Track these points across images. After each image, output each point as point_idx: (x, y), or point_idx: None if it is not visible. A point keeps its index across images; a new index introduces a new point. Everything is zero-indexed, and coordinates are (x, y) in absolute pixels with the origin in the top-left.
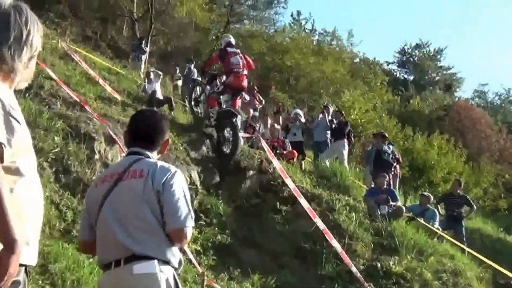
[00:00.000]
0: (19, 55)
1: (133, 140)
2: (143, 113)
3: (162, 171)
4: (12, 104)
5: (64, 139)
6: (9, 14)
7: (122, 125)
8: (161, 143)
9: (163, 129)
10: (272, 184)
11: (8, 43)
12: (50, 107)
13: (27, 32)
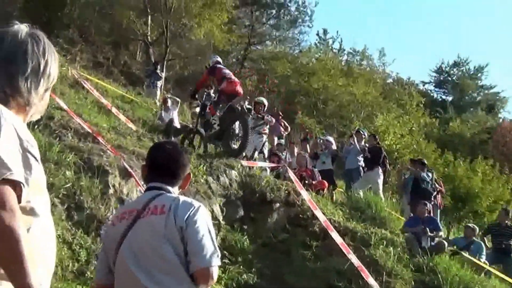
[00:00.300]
0: (36, 88)
1: (153, 175)
2: (163, 146)
3: (185, 206)
4: (29, 140)
5: (76, 173)
6: (26, 44)
7: (138, 156)
8: (182, 177)
9: (184, 163)
10: (301, 217)
11: (25, 75)
12: (61, 139)
13: (45, 63)
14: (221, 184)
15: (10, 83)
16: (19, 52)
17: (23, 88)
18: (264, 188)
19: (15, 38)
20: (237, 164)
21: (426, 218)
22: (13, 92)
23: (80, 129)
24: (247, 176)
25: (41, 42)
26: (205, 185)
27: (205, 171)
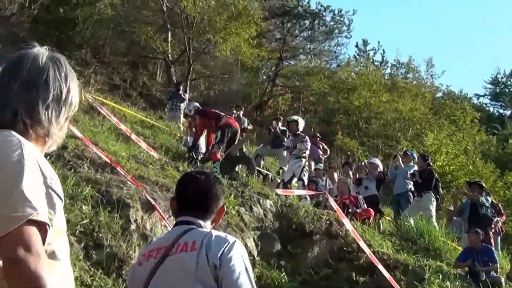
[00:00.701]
0: (57, 117)
1: (182, 208)
2: (194, 176)
3: (219, 241)
4: (53, 176)
5: (93, 208)
6: (47, 69)
7: (161, 187)
8: (215, 210)
9: (217, 194)
10: (345, 250)
11: (46, 103)
12: (76, 170)
13: (67, 90)
14: (254, 215)
15: (30, 112)
16: (39, 78)
17: (44, 117)
18: (302, 219)
19: (35, 62)
20: (272, 193)
21: (481, 248)
22: (33, 122)
23: (97, 159)
24: (283, 206)
25: (63, 66)
26: (237, 217)
27: (237, 202)
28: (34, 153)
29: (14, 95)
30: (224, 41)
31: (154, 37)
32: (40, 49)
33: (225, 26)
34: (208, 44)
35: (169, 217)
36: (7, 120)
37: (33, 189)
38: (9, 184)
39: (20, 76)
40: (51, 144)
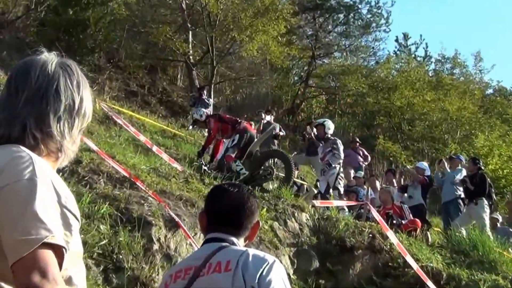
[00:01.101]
0: (70, 130)
1: (213, 224)
2: (225, 189)
3: (256, 261)
4: (68, 195)
5: (112, 227)
6: (57, 77)
7: (186, 203)
8: (249, 226)
9: (252, 209)
10: (390, 266)
11: (58, 115)
12: (92, 187)
13: (80, 99)
14: (289, 230)
15: (41, 125)
16: (49, 87)
17: (56, 130)
18: (342, 233)
19: (43, 70)
20: (308, 205)
21: None
22: (44, 136)
23: (114, 173)
24: (320, 219)
25: (74, 74)
26: (270, 232)
27: (270, 215)
28: (47, 170)
29: (22, 107)
30: (250, 40)
31: (173, 37)
32: (49, 55)
33: (251, 23)
34: (233, 44)
35: (195, 235)
36: (16, 134)
37: (47, 210)
38: (21, 205)
39: (28, 86)
40: (63, 159)
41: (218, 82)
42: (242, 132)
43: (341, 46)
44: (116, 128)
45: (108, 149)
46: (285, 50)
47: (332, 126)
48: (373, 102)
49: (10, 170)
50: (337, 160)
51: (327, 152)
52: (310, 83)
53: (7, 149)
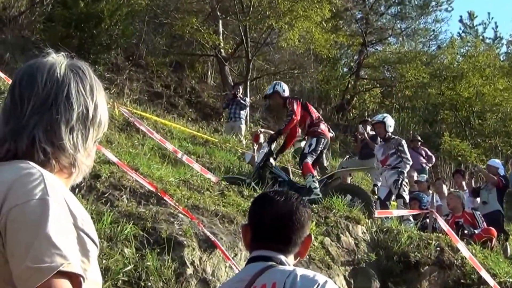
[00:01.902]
0: (84, 141)
1: (258, 239)
2: (271, 198)
3: (306, 283)
4: (84, 217)
5: (138, 250)
6: (68, 82)
7: (223, 219)
8: (299, 241)
9: (302, 221)
10: (463, 283)
11: (70, 125)
12: (113, 204)
13: (94, 106)
14: (343, 246)
15: (51, 137)
16: (59, 93)
17: (69, 143)
18: (405, 247)
19: (51, 74)
20: (364, 217)
21: None
22: (56, 149)
23: (139, 188)
24: (379, 232)
25: (87, 77)
26: (321, 249)
27: (320, 230)
28: (60, 188)
29: (29, 117)
30: (290, 28)
31: (201, 29)
32: (57, 57)
33: (290, 8)
34: (271, 33)
35: (235, 256)
36: (23, 149)
37: (62, 233)
38: (32, 228)
39: (34, 93)
40: (77, 175)
41: (255, 78)
42: (320, 136)
43: (396, 30)
44: (139, 136)
45: (131, 160)
46: (331, 37)
47: (392, 122)
48: (436, 94)
49: (18, 189)
50: (406, 165)
51: (390, 155)
52: (362, 74)
53: (14, 165)
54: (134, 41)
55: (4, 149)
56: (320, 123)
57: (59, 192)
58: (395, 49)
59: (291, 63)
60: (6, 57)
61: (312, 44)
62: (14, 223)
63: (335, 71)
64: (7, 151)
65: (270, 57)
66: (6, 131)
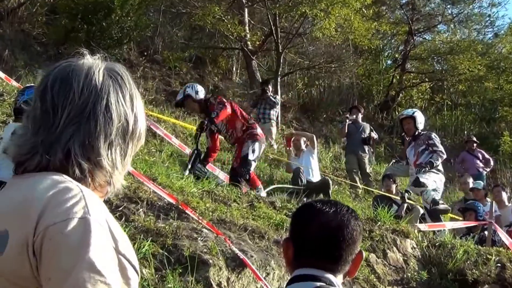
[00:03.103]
0: (123, 157)
1: (303, 256)
2: (319, 209)
3: None
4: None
5: (157, 271)
6: (107, 90)
7: (253, 234)
8: (350, 259)
9: (354, 236)
10: None
11: (109, 139)
12: (128, 219)
13: (134, 118)
14: (390, 263)
15: (88, 152)
16: (98, 103)
17: (107, 160)
18: (461, 263)
19: (89, 80)
20: (413, 230)
21: None
22: (93, 166)
23: (157, 200)
24: (431, 247)
25: (126, 85)
26: (365, 267)
27: (364, 245)
28: (101, 207)
29: (63, 128)
30: (326, 15)
31: (224, 18)
32: (92, 60)
33: None
34: (303, 22)
35: (267, 276)
36: (56, 164)
37: (105, 258)
38: (72, 251)
39: (70, 101)
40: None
41: (286, 74)
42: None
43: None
44: (156, 142)
45: (147, 169)
46: (373, 26)
47: (423, 119)
48: (493, 88)
49: (56, 205)
50: (439, 158)
51: (421, 152)
52: (408, 67)
53: (47, 177)
54: (149, 34)
55: (35, 162)
56: (256, 127)
57: (100, 211)
58: (445, 38)
59: (327, 56)
60: (5, 54)
61: (351, 34)
62: (52, 243)
63: (377, 64)
64: (38, 163)
65: (303, 50)
66: (35, 143)
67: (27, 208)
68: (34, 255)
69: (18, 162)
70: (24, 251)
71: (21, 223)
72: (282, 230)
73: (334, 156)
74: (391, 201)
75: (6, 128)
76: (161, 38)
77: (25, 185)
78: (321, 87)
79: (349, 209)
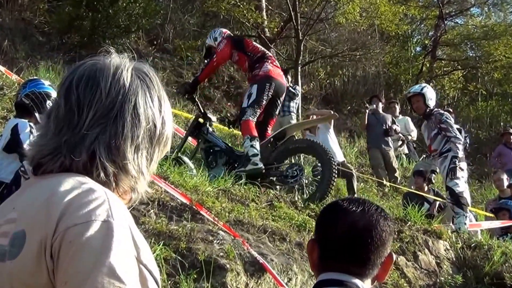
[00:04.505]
0: (149, 163)
1: (329, 259)
2: (345, 208)
3: None
4: (145, 247)
5: (170, 277)
6: (136, 91)
7: (272, 236)
8: (379, 262)
9: (383, 237)
10: None
11: (136, 142)
12: (139, 221)
13: (162, 122)
14: (422, 267)
15: (114, 155)
16: (125, 104)
17: (133, 164)
18: (499, 266)
19: (117, 80)
20: (447, 230)
21: None
22: (118, 170)
23: (169, 200)
24: (466, 248)
25: (154, 86)
26: (395, 271)
27: (392, 247)
28: (125, 212)
29: (88, 128)
30: None
31: (240, 4)
32: (120, 59)
33: None
34: (325, 6)
35: (289, 282)
36: (80, 166)
37: (127, 265)
38: (93, 254)
39: (96, 100)
40: (134, 200)
41: (307, 63)
42: (261, 81)
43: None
44: None
45: (158, 167)
46: (401, 9)
47: (433, 94)
48: None
49: (78, 207)
50: (457, 145)
51: (433, 136)
52: (439, 54)
53: (71, 178)
54: (159, 22)
55: (57, 163)
56: (265, 62)
57: (124, 216)
58: (479, 22)
59: (351, 43)
60: (4, 45)
61: (377, 19)
62: (71, 246)
63: (405, 51)
64: (60, 164)
65: (325, 37)
66: (59, 142)
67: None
68: (52, 257)
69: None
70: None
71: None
72: (304, 232)
73: (359, 151)
74: (422, 199)
75: (7, 125)
76: (172, 25)
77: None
78: (344, 76)
79: (378, 208)
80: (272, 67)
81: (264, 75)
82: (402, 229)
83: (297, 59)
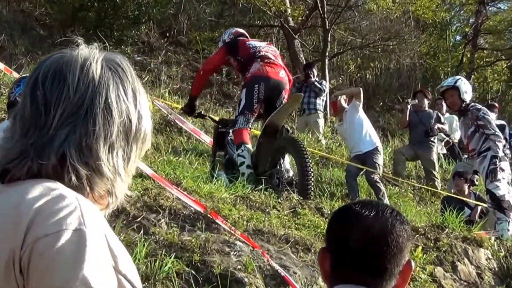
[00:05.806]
0: (126, 162)
1: (341, 269)
2: (357, 213)
3: None
4: (124, 255)
5: None
6: (106, 84)
7: (295, 246)
8: (396, 272)
9: (400, 243)
10: None
11: (110, 141)
12: (148, 232)
13: (138, 116)
14: (461, 278)
15: (86, 156)
16: (96, 99)
17: (108, 165)
18: None
19: (86, 73)
20: (488, 237)
21: None
22: (91, 172)
23: (182, 208)
24: (509, 257)
25: (128, 77)
26: (431, 283)
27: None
28: (99, 219)
29: (56, 128)
30: None
31: None
32: (89, 50)
33: None
34: None
35: None
36: (49, 170)
37: (102, 276)
38: (65, 266)
39: (64, 98)
40: (113, 205)
41: (335, 55)
42: (249, 84)
43: None
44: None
45: (170, 171)
46: None
47: (469, 87)
48: None
49: (48, 215)
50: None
51: (471, 135)
52: (481, 43)
53: (39, 184)
54: (172, 11)
55: (24, 168)
56: (253, 62)
57: (98, 223)
58: None
59: (383, 32)
60: (2, 39)
61: (412, 5)
62: (42, 258)
63: (444, 40)
64: (28, 170)
65: (354, 26)
66: (25, 145)
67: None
68: (21, 272)
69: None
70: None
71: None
72: None
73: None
74: (463, 203)
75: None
76: (186, 15)
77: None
78: (377, 69)
79: (393, 211)
80: (262, 66)
81: (251, 76)
82: (439, 237)
83: (324, 50)
